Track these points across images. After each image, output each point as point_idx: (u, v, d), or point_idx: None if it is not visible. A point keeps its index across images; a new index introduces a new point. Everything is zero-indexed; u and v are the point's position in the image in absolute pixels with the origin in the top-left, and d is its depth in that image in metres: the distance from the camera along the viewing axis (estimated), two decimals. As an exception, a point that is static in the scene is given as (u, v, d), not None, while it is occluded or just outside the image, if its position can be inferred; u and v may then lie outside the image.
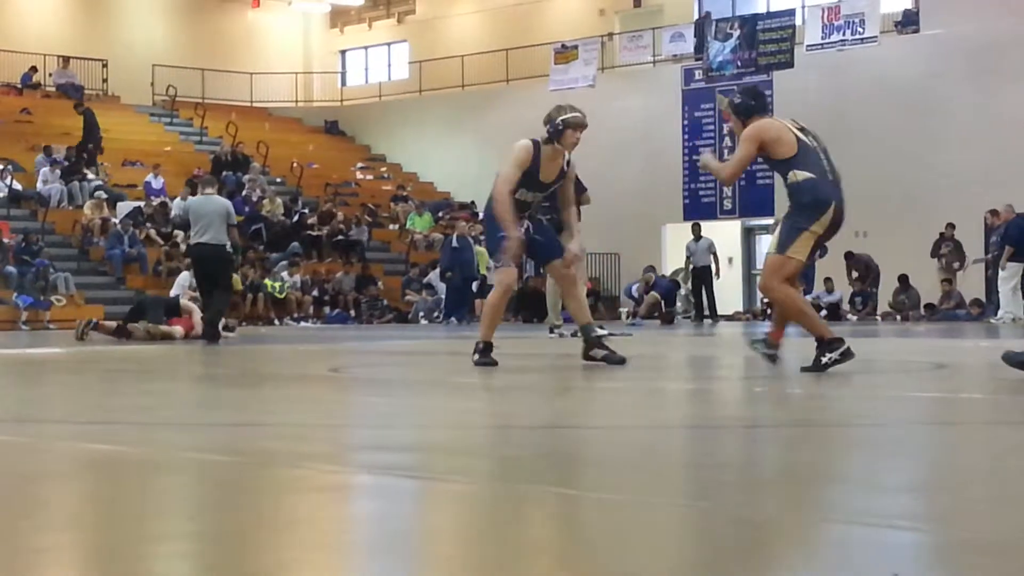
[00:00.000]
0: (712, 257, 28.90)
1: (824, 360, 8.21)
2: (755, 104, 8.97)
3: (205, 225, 16.60)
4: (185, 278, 26.30)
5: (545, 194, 9.80)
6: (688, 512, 3.40)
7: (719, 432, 5.47)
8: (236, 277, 23.71)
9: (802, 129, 8.74)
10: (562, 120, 9.53)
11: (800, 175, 8.50)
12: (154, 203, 31.53)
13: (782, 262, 8.51)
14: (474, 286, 29.71)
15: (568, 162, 9.70)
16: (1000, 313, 24.67)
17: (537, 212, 9.94)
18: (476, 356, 9.78)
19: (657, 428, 5.70)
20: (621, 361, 9.53)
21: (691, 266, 29.47)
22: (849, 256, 28.42)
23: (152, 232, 30.21)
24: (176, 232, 29.85)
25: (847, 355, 8.27)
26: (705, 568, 2.72)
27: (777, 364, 8.83)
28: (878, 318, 28.16)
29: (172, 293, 26.07)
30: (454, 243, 28.54)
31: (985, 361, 10.41)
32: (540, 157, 9.61)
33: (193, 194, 31.99)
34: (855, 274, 28.84)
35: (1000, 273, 24.85)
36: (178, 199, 31.85)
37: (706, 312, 28.76)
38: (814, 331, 8.45)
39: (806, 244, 8.49)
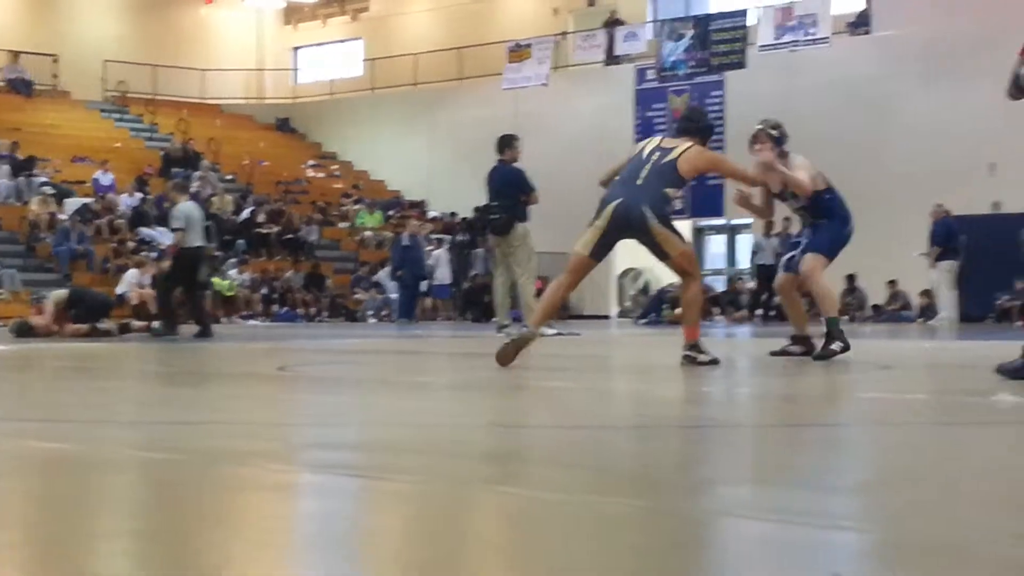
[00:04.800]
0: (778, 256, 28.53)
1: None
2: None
3: (198, 229, 17.56)
4: (134, 275, 26.18)
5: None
6: (633, 511, 3.41)
7: (665, 432, 5.49)
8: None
9: (649, 143, 9.85)
10: None
11: None
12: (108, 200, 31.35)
13: (572, 255, 9.73)
14: (423, 285, 29.68)
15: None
16: (940, 315, 24.89)
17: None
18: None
19: (603, 428, 5.71)
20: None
21: (755, 263, 29.13)
22: (851, 278, 28.40)
23: (103, 224, 30.09)
24: (137, 230, 29.90)
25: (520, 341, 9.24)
26: (649, 567, 2.73)
27: None
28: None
29: (119, 290, 25.96)
30: (405, 241, 28.50)
31: (930, 362, 10.50)
32: None
33: (141, 191, 32.07)
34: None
35: (932, 274, 25.09)
36: (124, 195, 31.76)
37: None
38: (536, 321, 9.68)
39: (591, 237, 9.51)
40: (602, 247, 9.61)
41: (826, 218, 10.57)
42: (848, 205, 10.77)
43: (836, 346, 10.16)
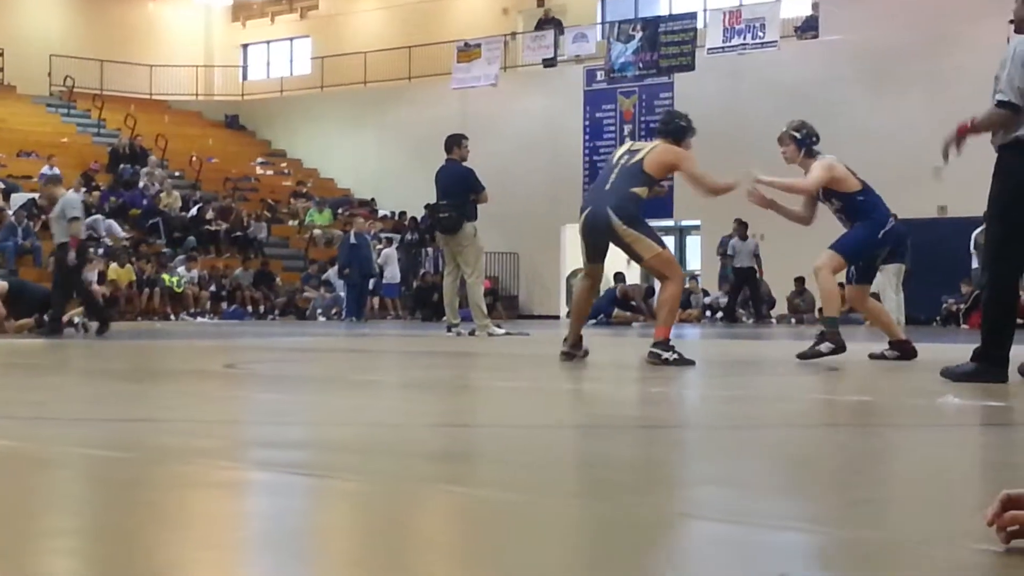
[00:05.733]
0: (755, 259, 28.44)
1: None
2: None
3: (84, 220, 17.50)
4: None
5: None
6: (581, 511, 3.41)
7: (613, 432, 5.50)
8: None
9: (621, 148, 10.04)
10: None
11: None
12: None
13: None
14: (371, 283, 29.65)
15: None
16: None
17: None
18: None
19: (551, 427, 5.71)
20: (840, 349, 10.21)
21: (731, 265, 28.89)
22: (800, 281, 28.38)
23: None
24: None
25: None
26: (597, 567, 2.73)
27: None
28: (773, 321, 28.42)
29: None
30: (352, 240, 28.44)
31: (877, 364, 10.56)
32: None
33: (88, 187, 31.84)
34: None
35: (878, 277, 25.23)
36: (71, 191, 31.48)
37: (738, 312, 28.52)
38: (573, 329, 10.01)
39: (582, 247, 9.90)
40: (593, 253, 9.83)
41: (860, 222, 10.66)
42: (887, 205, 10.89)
43: (824, 347, 10.19)
